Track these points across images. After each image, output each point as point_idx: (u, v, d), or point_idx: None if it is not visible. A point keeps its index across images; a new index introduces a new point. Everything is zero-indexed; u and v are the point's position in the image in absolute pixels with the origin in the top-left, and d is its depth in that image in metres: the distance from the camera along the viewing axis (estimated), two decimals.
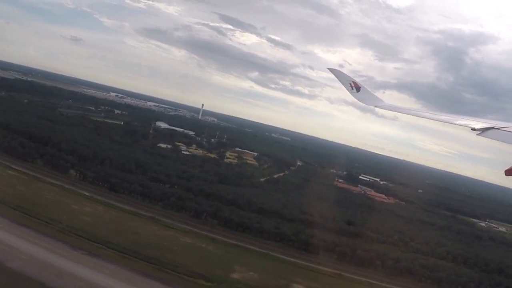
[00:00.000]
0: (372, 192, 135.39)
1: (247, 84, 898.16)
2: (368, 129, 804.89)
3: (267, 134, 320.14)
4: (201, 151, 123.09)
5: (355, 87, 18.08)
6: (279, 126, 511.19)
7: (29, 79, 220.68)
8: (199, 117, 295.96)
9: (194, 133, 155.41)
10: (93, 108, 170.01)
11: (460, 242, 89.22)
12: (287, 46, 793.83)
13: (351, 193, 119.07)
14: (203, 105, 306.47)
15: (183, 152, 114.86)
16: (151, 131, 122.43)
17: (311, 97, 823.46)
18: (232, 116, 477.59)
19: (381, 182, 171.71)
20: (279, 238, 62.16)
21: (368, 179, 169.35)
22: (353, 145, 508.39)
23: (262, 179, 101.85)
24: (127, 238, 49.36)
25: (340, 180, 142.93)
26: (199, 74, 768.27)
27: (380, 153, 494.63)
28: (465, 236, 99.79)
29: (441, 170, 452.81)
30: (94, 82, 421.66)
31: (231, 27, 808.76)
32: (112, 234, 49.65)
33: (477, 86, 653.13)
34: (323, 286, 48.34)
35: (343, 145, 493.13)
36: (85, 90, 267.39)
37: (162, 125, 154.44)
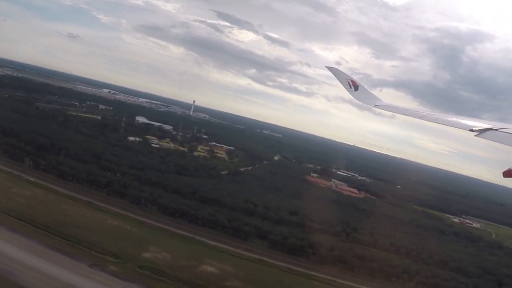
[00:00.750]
0: (343, 187, 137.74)
1: (244, 81, 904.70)
2: (366, 127, 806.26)
3: (258, 130, 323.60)
4: (172, 145, 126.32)
5: (353, 86, 18.25)
6: (276, 124, 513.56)
7: (20, 75, 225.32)
8: (191, 113, 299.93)
9: (172, 127, 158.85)
10: (77, 104, 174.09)
11: (415, 235, 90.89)
12: (284, 44, 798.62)
13: (316, 186, 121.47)
14: (194, 101, 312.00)
15: (152, 145, 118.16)
16: (122, 125, 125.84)
17: (308, 94, 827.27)
18: (228, 113, 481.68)
19: (360, 178, 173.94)
20: (214, 225, 65.08)
21: (346, 174, 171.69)
22: (351, 143, 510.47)
23: (224, 172, 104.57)
24: (53, 218, 52.76)
25: (313, 175, 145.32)
26: (196, 71, 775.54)
27: (378, 152, 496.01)
28: (424, 229, 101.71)
29: (438, 168, 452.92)
30: (91, 79, 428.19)
31: (228, 24, 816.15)
32: (40, 214, 53.14)
33: (474, 84, 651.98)
34: (237, 269, 50.92)
35: (340, 143, 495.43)
36: (77, 86, 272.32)
37: (141, 119, 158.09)
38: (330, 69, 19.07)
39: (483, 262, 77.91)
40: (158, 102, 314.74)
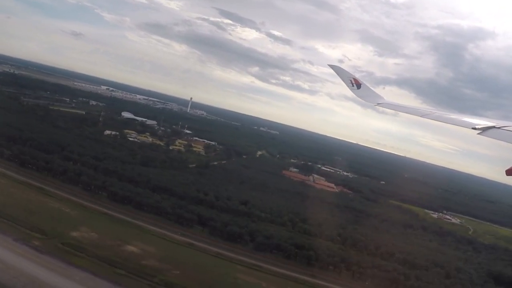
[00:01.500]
0: (320, 181, 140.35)
1: (248, 79, 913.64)
2: (370, 125, 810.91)
3: (255, 127, 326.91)
4: (151, 139, 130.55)
5: (356, 84, 18.38)
6: (278, 122, 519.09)
7: (16, 72, 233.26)
8: (188, 111, 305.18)
9: (156, 122, 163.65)
10: (68, 100, 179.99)
11: (373, 227, 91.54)
12: (286, 41, 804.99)
13: (289, 180, 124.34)
14: (191, 98, 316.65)
15: (129, 138, 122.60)
16: (100, 119, 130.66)
17: (312, 92, 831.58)
18: (230, 111, 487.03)
19: (344, 173, 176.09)
20: (158, 211, 68.74)
21: (330, 170, 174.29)
22: (354, 141, 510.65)
23: (192, 165, 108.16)
24: None
25: (292, 169, 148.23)
26: (200, 69, 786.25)
27: (381, 150, 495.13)
28: (389, 223, 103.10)
29: (441, 167, 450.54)
30: (93, 76, 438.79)
31: (230, 22, 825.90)
32: None
33: (477, 82, 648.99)
34: (160, 251, 54.34)
35: (343, 141, 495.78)
36: (75, 83, 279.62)
37: (127, 115, 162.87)
38: (333, 67, 19.36)
39: (438, 256, 79.36)
40: (155, 99, 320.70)
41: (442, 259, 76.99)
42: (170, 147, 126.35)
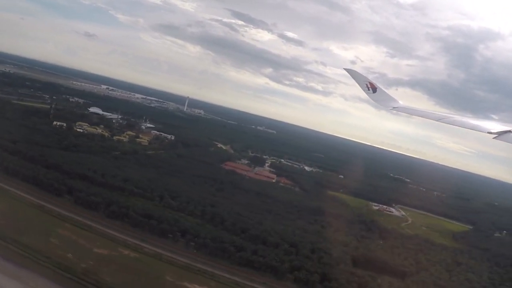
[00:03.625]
0: (262, 172, 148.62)
1: (262, 80, 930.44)
2: (384, 127, 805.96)
3: (253, 126, 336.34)
4: (100, 130, 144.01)
5: (372, 88, 18.76)
6: (291, 123, 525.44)
7: (15, 71, 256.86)
8: (184, 109, 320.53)
9: (120, 117, 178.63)
10: (47, 96, 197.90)
11: (260, 210, 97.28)
12: (299, 43, 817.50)
13: (222, 169, 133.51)
14: (188, 97, 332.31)
15: (76, 129, 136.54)
16: (51, 111, 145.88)
17: (325, 94, 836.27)
18: (243, 112, 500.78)
19: (306, 168, 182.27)
20: (34, 181, 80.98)
21: (290, 164, 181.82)
22: (368, 143, 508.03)
23: (118, 152, 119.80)
24: None
25: (240, 162, 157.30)
26: (214, 70, 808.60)
27: (397, 151, 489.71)
28: (289, 208, 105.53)
29: (456, 169, 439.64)
30: (106, 76, 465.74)
31: (243, 23, 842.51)
32: None
33: (489, 83, 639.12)
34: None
35: (356, 142, 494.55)
36: (74, 82, 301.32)
37: (94, 110, 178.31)
38: (349, 71, 19.80)
39: (307, 237, 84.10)
40: (154, 98, 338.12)
41: (307, 240, 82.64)
42: (114, 138, 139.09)
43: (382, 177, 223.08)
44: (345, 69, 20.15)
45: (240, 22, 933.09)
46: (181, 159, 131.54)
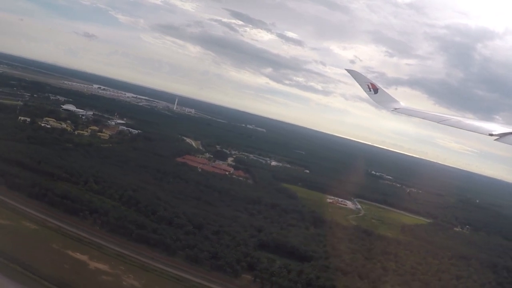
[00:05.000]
0: (218, 165, 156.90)
1: (262, 80, 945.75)
2: (385, 126, 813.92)
3: (243, 125, 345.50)
4: (65, 125, 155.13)
5: (373, 89, 19.14)
6: (294, 123, 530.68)
7: (5, 71, 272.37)
8: (174, 108, 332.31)
9: (92, 114, 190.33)
10: (28, 94, 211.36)
11: (190, 198, 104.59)
12: (298, 42, 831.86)
13: (175, 162, 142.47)
14: (177, 98, 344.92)
15: (40, 124, 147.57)
16: (18, 107, 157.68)
17: (326, 93, 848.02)
18: (238, 110, 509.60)
19: (272, 163, 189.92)
20: None
21: (256, 159, 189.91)
22: (369, 143, 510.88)
23: (70, 144, 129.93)
24: None
25: (200, 156, 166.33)
26: (215, 70, 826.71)
27: (398, 151, 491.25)
28: (227, 197, 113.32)
29: (456, 168, 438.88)
30: (105, 76, 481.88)
31: (242, 23, 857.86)
32: None
33: (488, 82, 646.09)
34: None
35: (355, 142, 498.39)
36: (64, 82, 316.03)
37: (68, 107, 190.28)
38: (350, 72, 20.27)
39: (215, 218, 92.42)
40: (144, 97, 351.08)
41: (218, 224, 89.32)
42: (76, 132, 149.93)
43: (359, 174, 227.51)
44: (346, 69, 20.78)
45: (240, 22, 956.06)
46: (135, 152, 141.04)
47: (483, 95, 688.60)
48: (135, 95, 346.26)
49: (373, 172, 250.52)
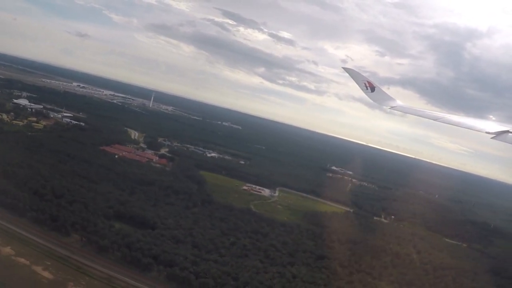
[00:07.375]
0: (145, 154, 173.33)
1: (256, 80, 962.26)
2: (379, 126, 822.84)
3: (219, 122, 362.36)
4: (5, 116, 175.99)
5: (370, 87, 20.33)
6: (289, 123, 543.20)
7: None
8: (150, 105, 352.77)
9: (42, 107, 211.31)
10: None
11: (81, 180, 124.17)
12: (290, 42, 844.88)
13: (99, 150, 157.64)
14: (153, 94, 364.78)
15: None
16: None
17: (319, 93, 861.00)
18: (230, 110, 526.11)
19: (208, 154, 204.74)
20: None
21: (195, 151, 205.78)
22: (363, 142, 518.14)
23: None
24: None
25: (131, 146, 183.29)
26: (209, 70, 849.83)
27: (393, 151, 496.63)
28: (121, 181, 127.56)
29: (451, 168, 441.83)
30: (98, 76, 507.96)
31: (234, 22, 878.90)
32: None
33: (478, 81, 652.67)
34: None
35: (347, 141, 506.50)
36: (43, 80, 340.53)
37: (20, 101, 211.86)
38: (347, 70, 21.40)
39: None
40: (121, 95, 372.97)
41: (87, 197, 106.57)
42: (13, 122, 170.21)
43: (311, 168, 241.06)
44: (343, 68, 21.54)
45: (232, 22, 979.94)
46: (59, 140, 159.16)
47: (475, 94, 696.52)
48: (112, 93, 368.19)
49: (333, 167, 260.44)
